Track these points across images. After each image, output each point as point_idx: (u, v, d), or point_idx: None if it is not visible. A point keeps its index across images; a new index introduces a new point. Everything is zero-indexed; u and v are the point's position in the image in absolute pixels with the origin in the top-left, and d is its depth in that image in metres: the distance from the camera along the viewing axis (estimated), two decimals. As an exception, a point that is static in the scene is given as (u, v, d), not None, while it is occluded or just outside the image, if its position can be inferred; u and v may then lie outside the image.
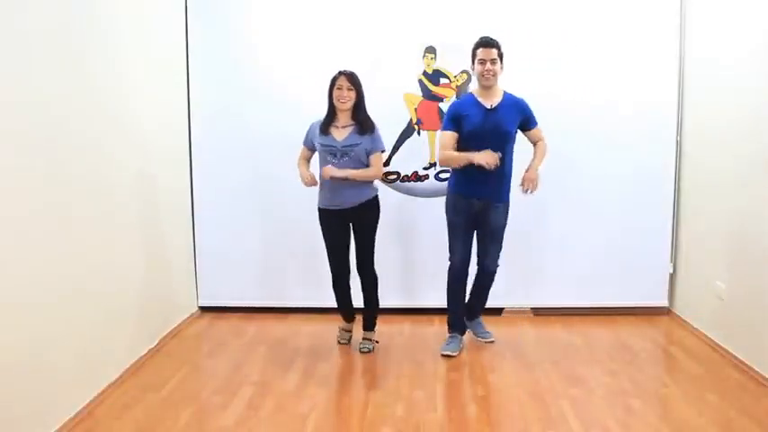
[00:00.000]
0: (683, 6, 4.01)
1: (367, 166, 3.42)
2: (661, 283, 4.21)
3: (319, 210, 3.52)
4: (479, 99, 3.42)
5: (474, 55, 3.39)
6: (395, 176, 4.18)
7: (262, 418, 2.83)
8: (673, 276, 4.21)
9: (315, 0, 4.10)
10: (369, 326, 3.70)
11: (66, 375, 2.72)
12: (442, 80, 4.13)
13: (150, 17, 3.65)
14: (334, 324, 3.81)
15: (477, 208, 3.47)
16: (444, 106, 4.12)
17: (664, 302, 4.23)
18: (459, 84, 4.10)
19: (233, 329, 4.01)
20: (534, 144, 3.55)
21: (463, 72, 4.11)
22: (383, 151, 3.49)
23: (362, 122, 3.40)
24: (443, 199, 3.63)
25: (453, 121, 3.42)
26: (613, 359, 3.48)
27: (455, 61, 4.06)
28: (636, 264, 4.17)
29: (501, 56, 3.38)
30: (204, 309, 4.35)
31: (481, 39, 3.38)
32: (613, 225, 4.16)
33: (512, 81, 4.05)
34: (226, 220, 4.25)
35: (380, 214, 3.53)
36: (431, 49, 4.10)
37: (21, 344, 2.42)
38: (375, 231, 3.53)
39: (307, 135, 3.51)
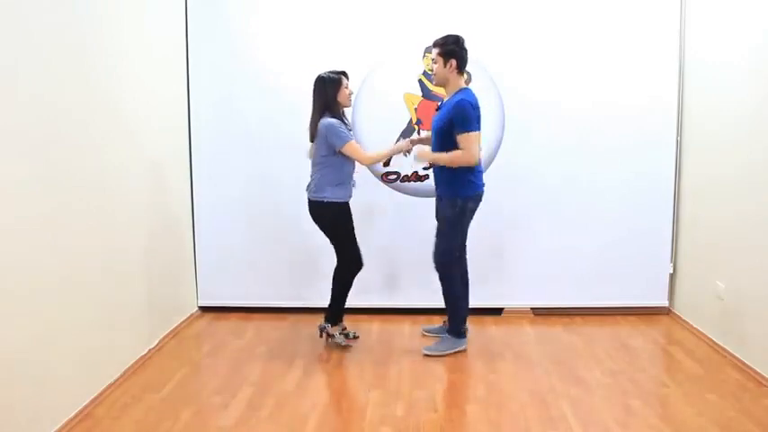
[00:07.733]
0: (683, 6, 4.01)
1: None
2: (661, 283, 4.21)
3: (343, 204, 3.54)
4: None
5: None
6: (395, 176, 4.18)
7: (262, 418, 2.83)
8: (673, 276, 4.21)
9: (315, 0, 4.10)
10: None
11: (66, 375, 2.73)
12: (442, 80, 4.13)
13: (150, 16, 3.65)
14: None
15: (436, 202, 3.62)
16: (444, 106, 4.13)
17: (664, 302, 4.23)
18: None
19: (233, 329, 4.01)
20: None
21: (463, 72, 4.11)
22: None
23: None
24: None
25: None
26: (613, 359, 3.48)
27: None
28: (636, 264, 4.17)
29: (444, 54, 3.37)
30: (204, 309, 4.35)
31: None
32: (613, 225, 4.16)
33: (512, 83, 4.06)
34: (226, 221, 4.26)
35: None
36: (431, 50, 4.09)
37: (20, 344, 2.42)
38: None
39: (343, 130, 3.42)
